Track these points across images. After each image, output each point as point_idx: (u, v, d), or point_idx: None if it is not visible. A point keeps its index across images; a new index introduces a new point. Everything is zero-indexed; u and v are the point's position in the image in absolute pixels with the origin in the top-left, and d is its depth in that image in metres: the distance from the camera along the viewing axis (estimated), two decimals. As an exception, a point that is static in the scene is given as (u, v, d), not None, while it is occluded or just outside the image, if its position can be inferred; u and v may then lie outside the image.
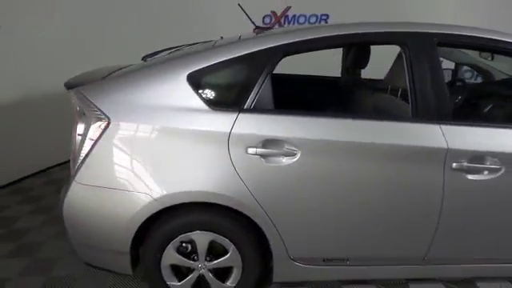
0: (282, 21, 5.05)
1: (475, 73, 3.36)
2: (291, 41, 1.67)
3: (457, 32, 1.73)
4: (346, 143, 1.63)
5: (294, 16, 5.06)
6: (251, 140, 1.60)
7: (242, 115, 1.61)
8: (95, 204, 1.67)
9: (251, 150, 1.60)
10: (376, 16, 4.10)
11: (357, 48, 2.53)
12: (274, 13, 5.01)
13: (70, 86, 1.74)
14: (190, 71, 1.65)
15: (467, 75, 3.78)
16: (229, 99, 1.67)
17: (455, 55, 2.83)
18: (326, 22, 5.08)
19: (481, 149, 1.64)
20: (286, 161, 1.61)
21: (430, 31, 1.71)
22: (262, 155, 1.61)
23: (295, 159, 1.61)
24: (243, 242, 1.73)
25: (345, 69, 2.82)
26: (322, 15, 5.07)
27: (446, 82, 2.58)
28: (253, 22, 2.27)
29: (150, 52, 2.11)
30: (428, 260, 1.81)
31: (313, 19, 5.09)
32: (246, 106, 1.63)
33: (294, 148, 1.60)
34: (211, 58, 1.67)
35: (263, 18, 5.01)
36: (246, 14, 2.26)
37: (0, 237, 2.54)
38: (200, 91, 1.64)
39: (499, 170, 1.65)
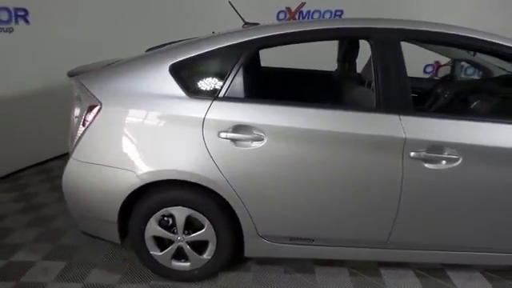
0: (297, 17, 5.16)
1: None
2: (262, 36, 1.82)
3: (420, 28, 1.81)
4: (308, 130, 1.76)
5: (309, 12, 5.15)
6: (223, 125, 1.77)
7: (215, 103, 1.79)
8: (88, 178, 1.89)
9: (223, 135, 1.77)
10: (390, 10, 4.17)
11: (346, 42, 2.63)
12: (288, 9, 5.14)
13: (71, 74, 1.99)
14: (172, 63, 1.84)
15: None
16: (205, 88, 1.84)
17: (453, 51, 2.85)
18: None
19: (439, 139, 1.72)
20: (254, 145, 1.77)
21: (394, 27, 1.80)
22: (233, 139, 1.77)
23: (262, 144, 1.76)
24: (217, 218, 1.91)
25: (338, 62, 2.92)
26: (336, 11, 5.13)
27: (443, 77, 2.65)
28: (242, 19, 2.42)
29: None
30: (390, 244, 1.91)
31: (327, 15, 5.14)
32: (219, 95, 1.80)
33: (261, 133, 1.76)
34: (191, 50, 1.86)
35: (278, 13, 5.15)
36: (236, 10, 2.42)
37: (21, 209, 2.87)
38: (180, 80, 1.82)
39: (457, 160, 1.73)
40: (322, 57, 3.30)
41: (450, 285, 2.08)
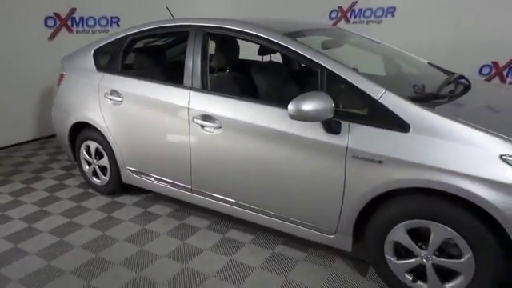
0: (349, 15, 5.33)
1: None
2: (131, 32, 2.70)
3: (213, 24, 2.32)
4: (144, 97, 2.54)
5: (361, 10, 5.24)
6: (106, 89, 2.75)
7: (105, 74, 2.79)
8: (58, 117, 3.19)
9: (106, 96, 2.75)
10: (443, 4, 4.09)
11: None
12: (340, 8, 5.37)
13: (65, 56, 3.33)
14: (94, 48, 2.93)
15: None
16: (103, 65, 2.85)
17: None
18: (393, 16, 5.04)
19: (208, 111, 2.22)
20: (118, 103, 2.68)
21: (201, 24, 2.36)
22: (110, 99, 2.73)
23: (122, 104, 2.65)
24: (110, 152, 2.87)
25: None
26: (388, 8, 5.05)
27: None
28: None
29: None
30: (194, 190, 2.48)
31: (379, 12, 5.13)
32: (107, 70, 2.78)
33: (121, 95, 2.65)
34: (104, 41, 2.90)
35: (330, 13, 5.44)
36: (171, 14, 3.22)
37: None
38: (95, 60, 2.90)
39: (220, 128, 2.19)
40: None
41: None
